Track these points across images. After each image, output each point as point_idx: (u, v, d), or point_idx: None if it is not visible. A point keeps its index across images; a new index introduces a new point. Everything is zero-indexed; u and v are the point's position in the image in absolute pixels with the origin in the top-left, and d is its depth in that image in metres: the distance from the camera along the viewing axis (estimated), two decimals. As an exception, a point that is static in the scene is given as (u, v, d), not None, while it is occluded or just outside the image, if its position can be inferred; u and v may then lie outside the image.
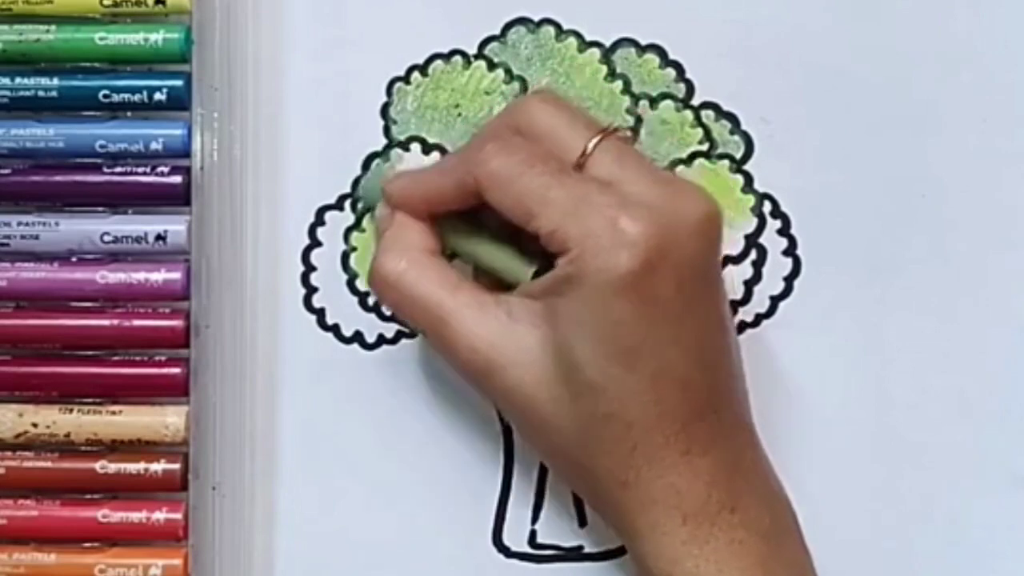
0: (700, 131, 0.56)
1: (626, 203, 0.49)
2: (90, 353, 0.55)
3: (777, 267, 0.56)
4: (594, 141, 0.51)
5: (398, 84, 0.56)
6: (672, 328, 0.49)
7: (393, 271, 0.52)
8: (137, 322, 0.55)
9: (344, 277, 0.56)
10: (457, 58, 0.56)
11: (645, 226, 0.49)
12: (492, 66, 0.56)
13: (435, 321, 0.52)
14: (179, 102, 0.54)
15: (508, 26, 0.56)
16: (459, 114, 0.56)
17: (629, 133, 0.52)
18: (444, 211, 0.53)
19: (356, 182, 0.56)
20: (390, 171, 0.56)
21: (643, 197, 0.49)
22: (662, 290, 0.49)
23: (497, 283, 0.53)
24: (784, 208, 0.56)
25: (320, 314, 0.57)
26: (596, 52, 0.56)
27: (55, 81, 0.54)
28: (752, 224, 0.56)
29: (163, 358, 0.55)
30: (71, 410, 0.55)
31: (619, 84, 0.56)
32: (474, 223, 0.53)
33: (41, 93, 0.54)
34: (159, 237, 0.55)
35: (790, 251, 0.56)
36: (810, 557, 0.53)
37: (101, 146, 0.54)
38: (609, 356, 0.49)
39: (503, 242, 0.52)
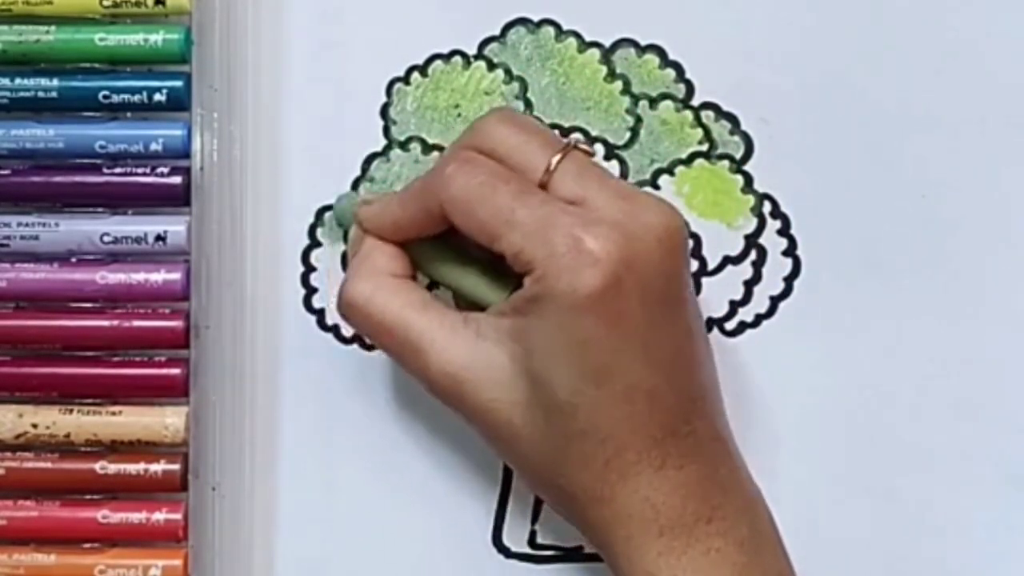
0: (700, 131, 0.56)
1: (589, 221, 0.49)
2: (90, 353, 0.55)
3: (777, 267, 0.56)
4: (556, 158, 0.51)
5: (398, 84, 0.56)
6: (640, 343, 0.49)
7: (360, 295, 0.52)
8: (137, 322, 0.55)
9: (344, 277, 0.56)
10: (457, 58, 0.56)
11: (608, 243, 0.49)
12: (492, 66, 0.56)
13: (404, 343, 0.52)
14: (179, 103, 0.54)
15: (508, 26, 0.56)
16: (459, 114, 0.56)
17: (590, 147, 0.52)
18: (415, 237, 0.53)
19: (356, 183, 0.56)
20: (365, 195, 0.55)
21: (606, 214, 0.50)
22: (628, 306, 0.49)
23: (476, 307, 0.53)
24: (784, 208, 0.56)
25: (320, 314, 0.57)
26: (596, 52, 0.56)
27: (55, 82, 0.54)
28: (752, 224, 0.56)
29: (163, 358, 0.55)
30: (71, 411, 0.55)
31: (619, 84, 0.56)
32: (446, 247, 0.53)
33: (41, 94, 0.54)
34: (159, 237, 0.55)
35: (790, 251, 0.56)
36: (790, 563, 0.53)
37: (101, 147, 0.54)
38: (579, 374, 0.49)
39: (476, 265, 0.52)
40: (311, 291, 0.57)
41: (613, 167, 0.56)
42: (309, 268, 0.57)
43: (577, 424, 0.49)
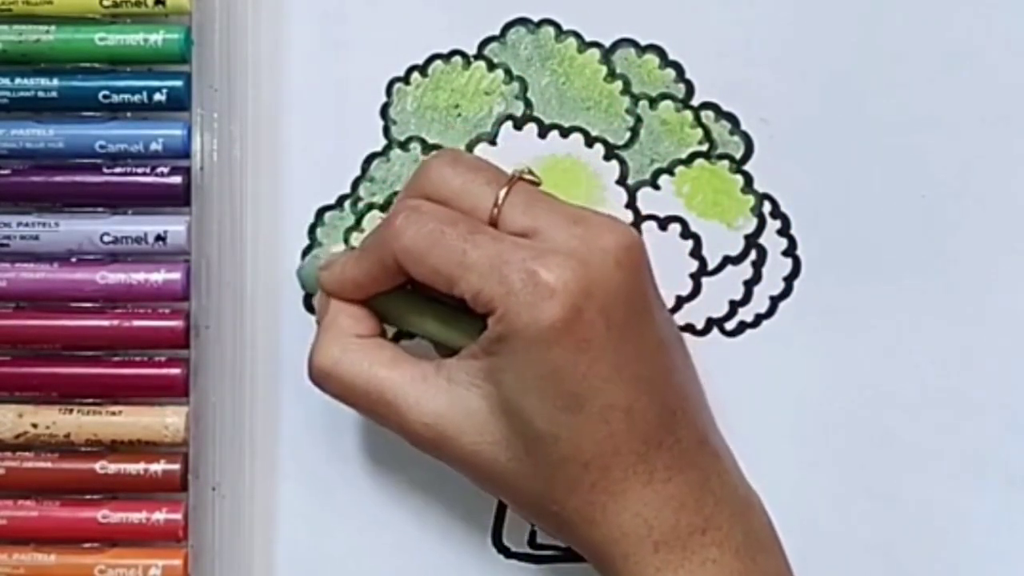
0: (700, 131, 0.56)
1: (541, 253, 0.49)
2: (90, 353, 0.55)
3: (777, 267, 0.56)
4: (502, 193, 0.51)
5: (398, 84, 0.56)
6: (610, 364, 0.49)
7: (328, 360, 0.52)
8: (137, 322, 0.55)
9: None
10: (457, 58, 0.56)
11: (564, 272, 0.49)
12: (492, 66, 0.56)
13: (378, 402, 0.52)
14: (179, 102, 0.54)
15: (508, 26, 0.56)
16: (459, 114, 0.56)
17: (535, 177, 0.52)
18: (376, 292, 0.53)
19: (356, 183, 0.56)
20: (323, 259, 0.55)
21: (559, 242, 0.50)
22: (593, 331, 0.49)
23: (452, 350, 0.53)
24: (784, 208, 0.56)
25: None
26: (596, 52, 0.56)
27: (55, 81, 0.54)
28: (752, 224, 0.56)
29: (163, 358, 0.55)
30: (71, 410, 0.55)
31: (619, 84, 0.56)
32: (410, 297, 0.53)
33: (41, 93, 0.54)
34: (159, 237, 0.55)
35: (790, 251, 0.56)
36: (788, 563, 0.53)
37: (101, 146, 0.54)
38: (554, 404, 0.49)
39: (441, 310, 0.52)
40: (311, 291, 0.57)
41: (613, 167, 0.56)
42: (309, 268, 0.57)
43: (559, 451, 0.50)
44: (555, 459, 0.50)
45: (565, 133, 0.56)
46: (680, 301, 0.56)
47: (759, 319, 0.56)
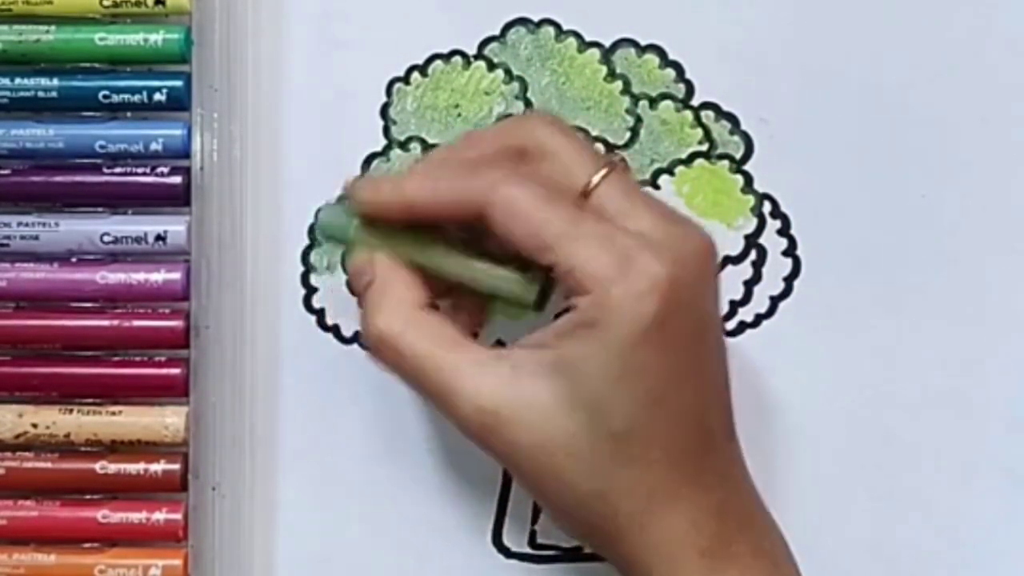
0: (700, 131, 0.56)
1: (649, 243, 0.48)
2: (90, 353, 0.55)
3: (777, 267, 0.56)
4: (601, 173, 0.49)
5: (398, 84, 0.56)
6: (689, 367, 0.49)
7: (389, 332, 0.50)
8: (137, 322, 0.55)
9: (344, 277, 0.56)
10: (457, 58, 0.56)
11: (669, 267, 0.47)
12: (492, 66, 0.56)
13: (436, 383, 0.49)
14: (179, 102, 0.54)
15: (508, 26, 0.56)
16: (459, 114, 0.56)
17: (629, 167, 0.52)
18: (427, 222, 0.50)
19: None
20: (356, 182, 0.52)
21: (655, 236, 0.48)
22: (681, 331, 0.48)
23: (477, 311, 0.51)
24: (784, 208, 0.56)
25: (320, 314, 0.57)
26: (596, 52, 0.56)
27: (55, 81, 0.54)
28: (752, 224, 0.56)
29: (163, 358, 0.55)
30: (71, 410, 0.55)
31: (619, 84, 0.56)
32: (452, 239, 0.50)
33: (41, 93, 0.54)
34: (159, 237, 0.55)
35: (790, 251, 0.56)
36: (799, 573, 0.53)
37: (101, 146, 0.54)
38: (636, 402, 0.48)
39: (488, 258, 0.50)
40: (311, 291, 0.57)
41: (613, 167, 0.56)
42: (309, 268, 0.57)
43: (630, 451, 0.48)
44: (623, 458, 0.48)
45: (565, 133, 0.56)
46: (680, 301, 0.56)
47: (759, 319, 0.56)
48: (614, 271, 0.47)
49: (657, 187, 0.56)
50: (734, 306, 0.56)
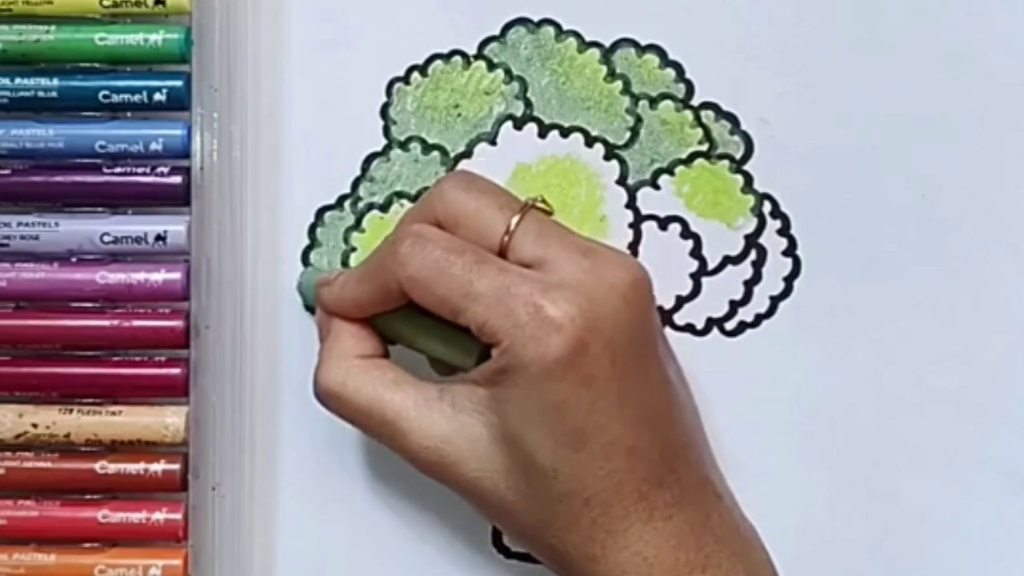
0: (700, 131, 0.56)
1: (549, 286, 0.49)
2: (90, 353, 0.55)
3: (777, 267, 0.56)
4: (515, 220, 0.51)
5: (398, 84, 0.56)
6: (615, 401, 0.49)
7: (334, 382, 0.52)
8: (137, 322, 0.55)
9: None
10: (457, 58, 0.56)
11: (571, 307, 0.49)
12: (492, 66, 0.56)
13: (382, 424, 0.52)
14: (179, 102, 0.54)
15: (508, 26, 0.56)
16: (459, 114, 0.56)
17: (548, 206, 0.52)
18: (378, 312, 0.52)
19: (356, 183, 0.56)
20: (322, 275, 0.55)
21: (567, 275, 0.50)
22: (598, 367, 0.49)
23: (450, 367, 0.53)
24: (784, 208, 0.56)
25: (320, 314, 0.57)
26: (596, 52, 0.56)
27: (55, 81, 0.54)
28: (752, 224, 0.56)
29: (163, 358, 0.55)
30: (71, 410, 0.55)
31: (619, 84, 0.56)
32: (411, 315, 0.52)
33: (41, 93, 0.54)
34: (159, 237, 0.55)
35: (790, 251, 0.56)
36: None
37: (101, 146, 0.54)
38: (556, 439, 0.49)
39: (442, 329, 0.52)
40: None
41: (613, 167, 0.56)
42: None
43: (560, 487, 0.49)
44: (556, 494, 0.50)
45: (565, 133, 0.56)
46: (680, 301, 0.56)
47: (759, 319, 0.56)
48: (516, 319, 0.49)
49: (657, 187, 0.56)
50: (734, 306, 0.56)
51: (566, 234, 0.52)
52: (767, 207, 0.56)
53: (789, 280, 0.56)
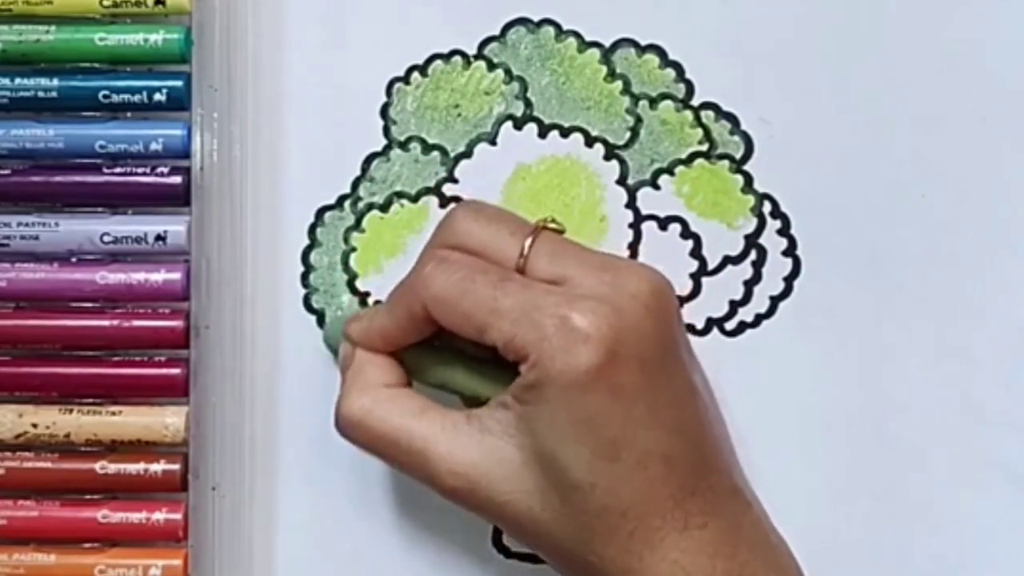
0: (700, 131, 0.56)
1: (573, 298, 0.49)
2: (90, 353, 0.55)
3: (777, 267, 0.56)
4: (527, 242, 0.51)
5: (398, 84, 0.56)
6: (646, 410, 0.49)
7: (357, 410, 0.52)
8: (137, 322, 0.55)
9: (344, 277, 0.56)
10: (457, 58, 0.56)
11: (596, 318, 0.49)
12: (492, 66, 0.56)
13: (409, 452, 0.51)
14: (179, 102, 0.54)
15: (508, 26, 0.56)
16: (459, 114, 0.56)
17: (559, 225, 0.52)
18: (405, 343, 0.53)
19: (356, 183, 0.56)
20: (353, 311, 0.55)
21: (588, 289, 0.50)
22: (627, 376, 0.49)
23: (480, 404, 0.52)
24: (784, 208, 0.56)
25: (320, 314, 0.57)
26: (596, 52, 0.56)
27: (55, 81, 0.54)
28: (752, 224, 0.56)
29: (163, 358, 0.55)
30: (71, 410, 0.55)
31: (619, 84, 0.56)
32: (439, 350, 0.53)
33: (41, 93, 0.54)
34: (159, 237, 0.55)
35: (790, 251, 0.56)
36: None
37: (101, 146, 0.54)
38: (591, 452, 0.49)
39: (471, 363, 0.52)
40: (311, 291, 0.57)
41: (613, 167, 0.56)
42: (309, 268, 0.57)
43: (596, 500, 0.49)
44: (592, 508, 0.49)
45: (565, 133, 0.56)
46: (680, 301, 0.56)
47: (759, 319, 0.56)
48: (543, 332, 0.49)
49: (657, 187, 0.56)
50: (734, 306, 0.56)
51: (581, 251, 0.52)
52: (767, 207, 0.56)
53: (789, 280, 0.56)
